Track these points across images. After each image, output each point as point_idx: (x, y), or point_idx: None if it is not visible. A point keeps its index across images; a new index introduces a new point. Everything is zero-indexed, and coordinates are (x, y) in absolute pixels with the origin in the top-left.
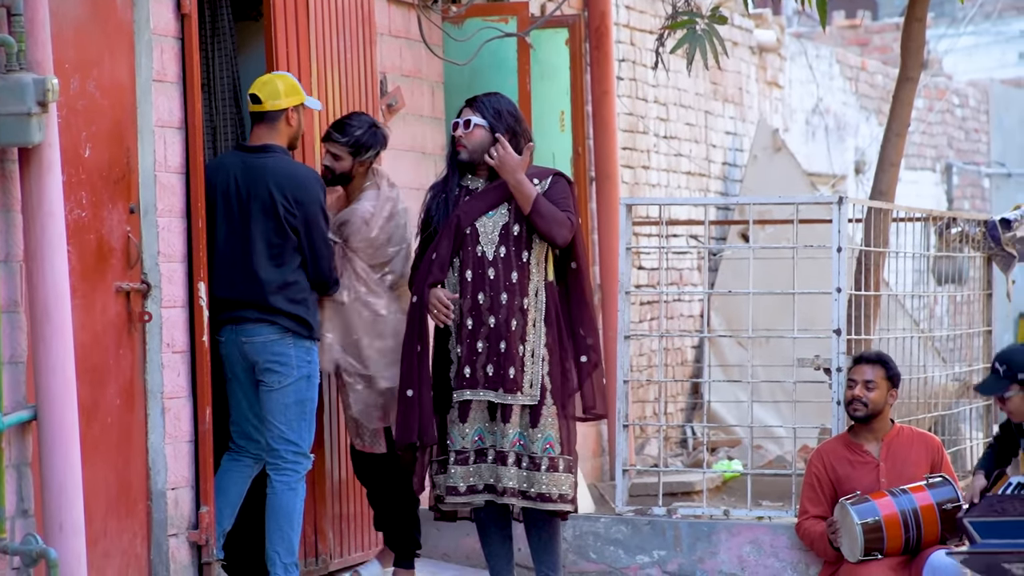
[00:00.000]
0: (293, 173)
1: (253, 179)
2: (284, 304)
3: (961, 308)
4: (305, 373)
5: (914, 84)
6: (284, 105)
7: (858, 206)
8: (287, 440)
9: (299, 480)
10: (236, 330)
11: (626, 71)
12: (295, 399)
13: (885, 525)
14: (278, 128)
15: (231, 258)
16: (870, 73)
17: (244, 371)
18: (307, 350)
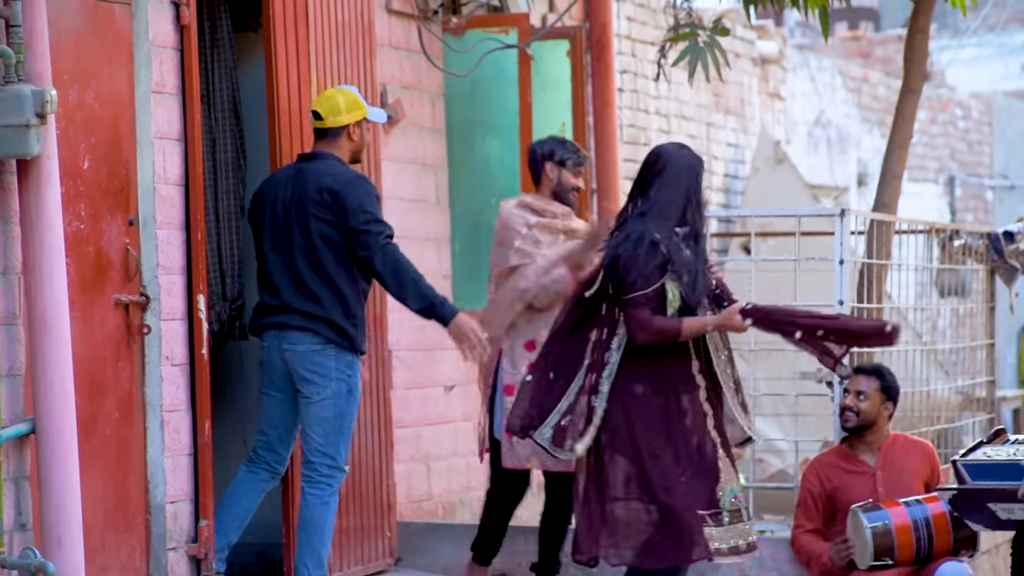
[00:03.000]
0: (337, 173)
1: (300, 182)
2: (330, 312)
3: (964, 321)
4: (345, 387)
5: (917, 96)
6: (345, 121)
7: (860, 218)
8: (323, 453)
9: (332, 494)
10: (279, 336)
11: (627, 83)
12: (334, 412)
13: (896, 531)
14: (339, 144)
15: (278, 262)
16: (872, 85)
17: (282, 378)
18: (348, 363)
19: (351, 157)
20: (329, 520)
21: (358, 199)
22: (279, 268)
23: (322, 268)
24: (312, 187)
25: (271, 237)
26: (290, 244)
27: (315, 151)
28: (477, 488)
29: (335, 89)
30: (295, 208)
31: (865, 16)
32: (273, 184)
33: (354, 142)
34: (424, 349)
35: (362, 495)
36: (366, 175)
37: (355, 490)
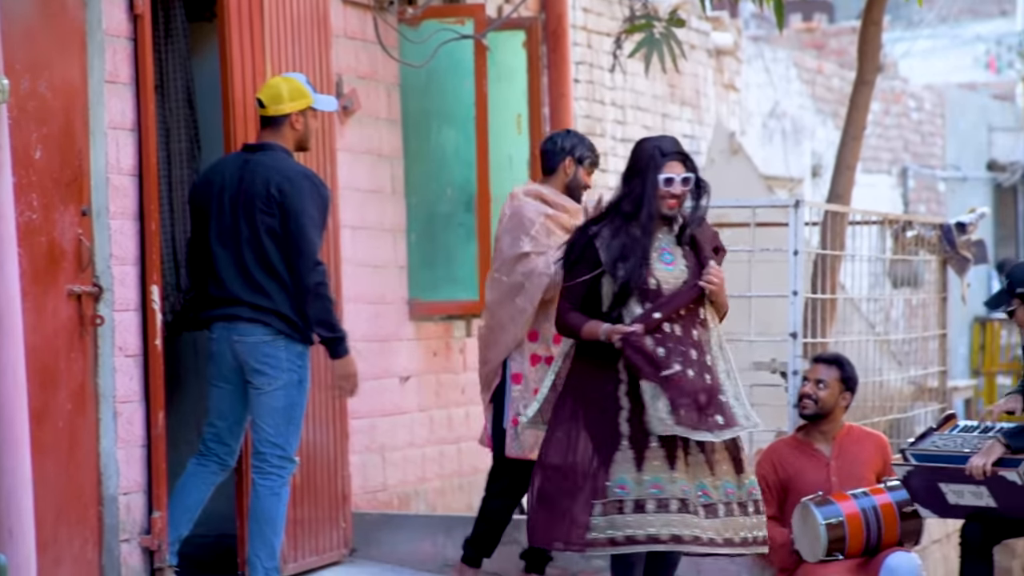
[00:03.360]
0: (283, 168)
1: (248, 175)
2: (279, 305)
3: (917, 311)
4: (296, 378)
5: (870, 87)
6: (288, 110)
7: (815, 209)
8: (273, 443)
9: (283, 485)
10: (228, 328)
11: (583, 74)
12: (284, 403)
13: (847, 524)
14: (283, 133)
15: (225, 255)
16: (827, 76)
17: (232, 370)
18: (299, 353)
19: (296, 146)
20: (281, 511)
21: (301, 202)
22: (226, 261)
23: (269, 262)
24: (259, 181)
25: (217, 229)
26: (237, 237)
27: (261, 141)
28: (432, 479)
29: (280, 77)
30: (242, 202)
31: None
32: (219, 172)
33: (297, 131)
34: (379, 340)
35: (317, 486)
36: (321, 165)
37: (310, 481)
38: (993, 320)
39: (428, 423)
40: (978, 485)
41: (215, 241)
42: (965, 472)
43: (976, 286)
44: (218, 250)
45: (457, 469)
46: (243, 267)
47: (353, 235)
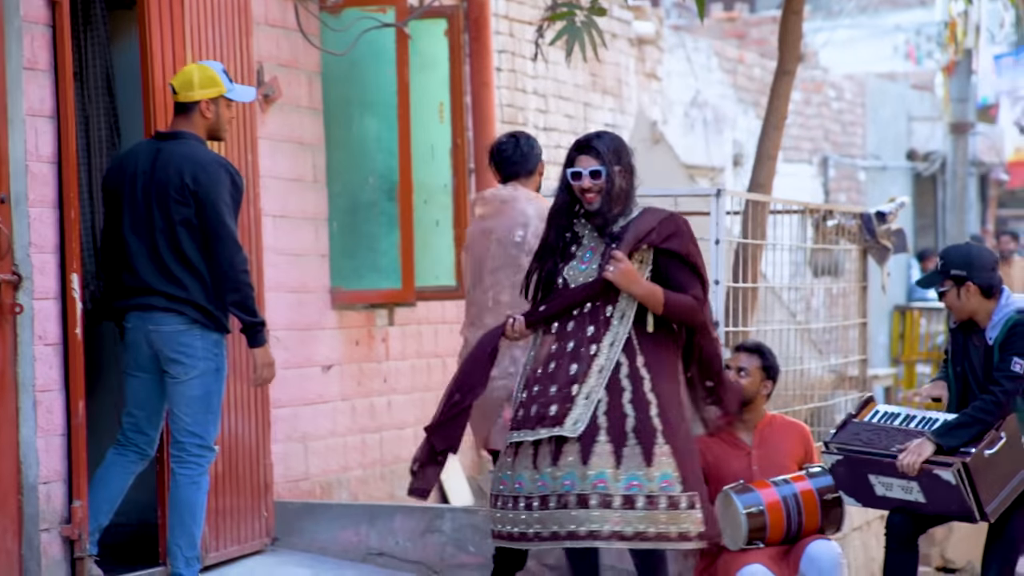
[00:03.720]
0: (197, 156)
1: (161, 163)
2: (193, 294)
3: (837, 300)
4: (213, 366)
5: (791, 77)
6: (197, 97)
7: (736, 198)
8: (191, 432)
9: (202, 474)
10: (143, 317)
11: (505, 62)
12: (201, 392)
13: (768, 513)
14: (193, 120)
15: (138, 244)
16: (748, 66)
17: (148, 359)
18: (215, 342)
19: (208, 134)
20: (200, 500)
21: (216, 190)
22: (140, 251)
23: (183, 252)
24: (173, 170)
25: (131, 218)
26: (151, 227)
27: (173, 129)
28: (354, 468)
29: (195, 64)
30: (155, 191)
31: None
32: (132, 160)
33: (208, 119)
34: (301, 328)
35: (239, 475)
36: (242, 153)
37: (232, 470)
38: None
39: (350, 412)
40: (909, 480)
41: (128, 230)
42: (897, 467)
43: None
44: (131, 239)
45: (379, 458)
46: (157, 256)
47: (275, 224)
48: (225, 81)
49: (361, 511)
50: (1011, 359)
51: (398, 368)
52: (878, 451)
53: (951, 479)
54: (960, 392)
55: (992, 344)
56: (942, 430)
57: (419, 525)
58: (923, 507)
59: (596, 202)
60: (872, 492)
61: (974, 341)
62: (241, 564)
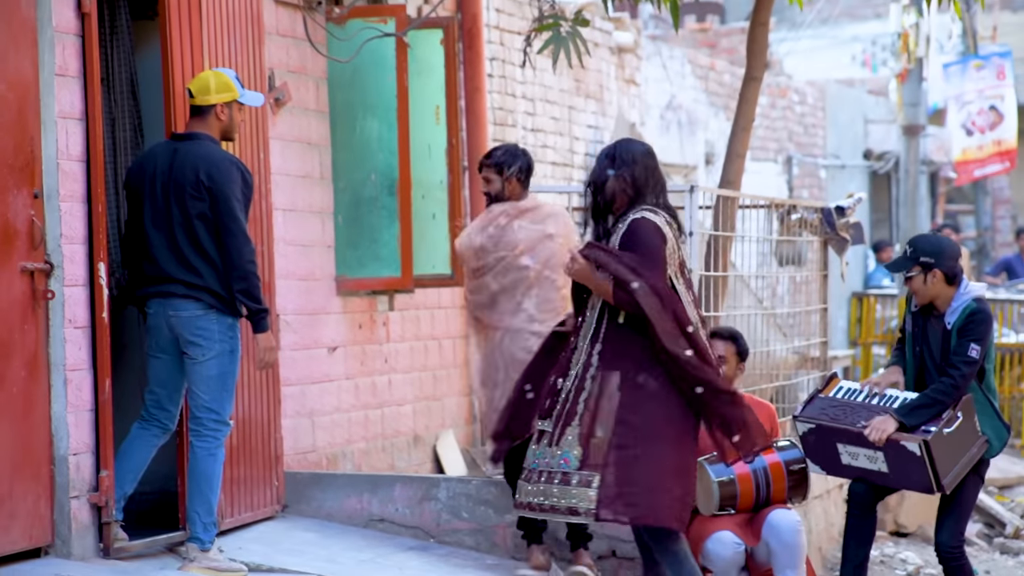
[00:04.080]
0: (211, 155)
1: (178, 162)
2: (209, 282)
3: (800, 288)
4: (228, 348)
5: (758, 83)
6: (213, 100)
7: (708, 194)
8: (209, 408)
9: (218, 446)
10: (164, 304)
11: (496, 69)
12: (217, 371)
13: (738, 481)
14: (208, 121)
15: (158, 236)
16: (718, 72)
17: (169, 342)
18: (230, 325)
19: (221, 135)
20: (217, 470)
21: (228, 187)
22: (160, 243)
23: (200, 243)
24: (189, 168)
25: (151, 213)
26: (170, 221)
27: (189, 131)
28: (358, 441)
29: (211, 71)
30: (173, 188)
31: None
32: (151, 159)
33: (222, 121)
34: (309, 313)
35: (252, 448)
36: (255, 152)
37: (245, 443)
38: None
39: (354, 390)
40: (875, 451)
41: (149, 224)
42: (866, 436)
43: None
44: (152, 232)
45: (381, 432)
46: (176, 248)
47: (285, 217)
48: (238, 87)
49: (364, 481)
50: (968, 344)
51: (398, 349)
52: (842, 427)
53: (916, 450)
54: (917, 370)
55: (950, 328)
56: (905, 410)
57: (417, 493)
58: (885, 477)
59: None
60: (838, 460)
61: (933, 324)
62: (254, 529)
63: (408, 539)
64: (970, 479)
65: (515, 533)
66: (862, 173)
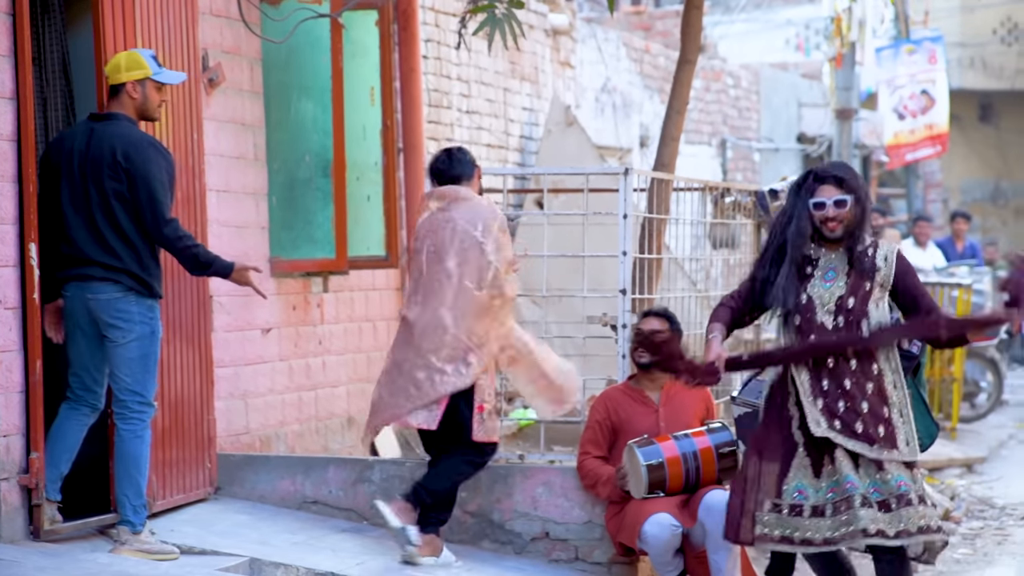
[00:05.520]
0: (128, 135)
1: (95, 142)
2: (128, 263)
3: (734, 270)
4: (148, 330)
5: (692, 66)
6: (124, 79)
7: (642, 177)
8: (132, 391)
9: (144, 428)
10: (81, 287)
11: (431, 51)
12: (139, 353)
13: (668, 465)
14: (122, 100)
15: (76, 217)
16: (653, 56)
17: (89, 325)
18: (149, 307)
19: (138, 115)
20: (144, 452)
21: (147, 167)
22: (78, 224)
23: (118, 224)
24: (106, 149)
25: (69, 194)
26: (88, 202)
27: (107, 111)
28: (292, 423)
29: (125, 51)
30: (90, 168)
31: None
32: (70, 139)
33: (135, 99)
34: (243, 295)
35: (184, 429)
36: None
37: (178, 425)
38: None
39: (288, 371)
40: None
41: (67, 204)
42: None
43: None
44: (70, 212)
45: (314, 414)
46: (95, 229)
47: (219, 198)
48: (152, 64)
49: (297, 463)
50: None
51: (332, 331)
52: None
53: None
54: None
55: None
56: None
57: (350, 475)
58: None
59: (839, 230)
60: None
61: None
62: (186, 511)
63: (342, 521)
64: None
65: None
66: (795, 156)
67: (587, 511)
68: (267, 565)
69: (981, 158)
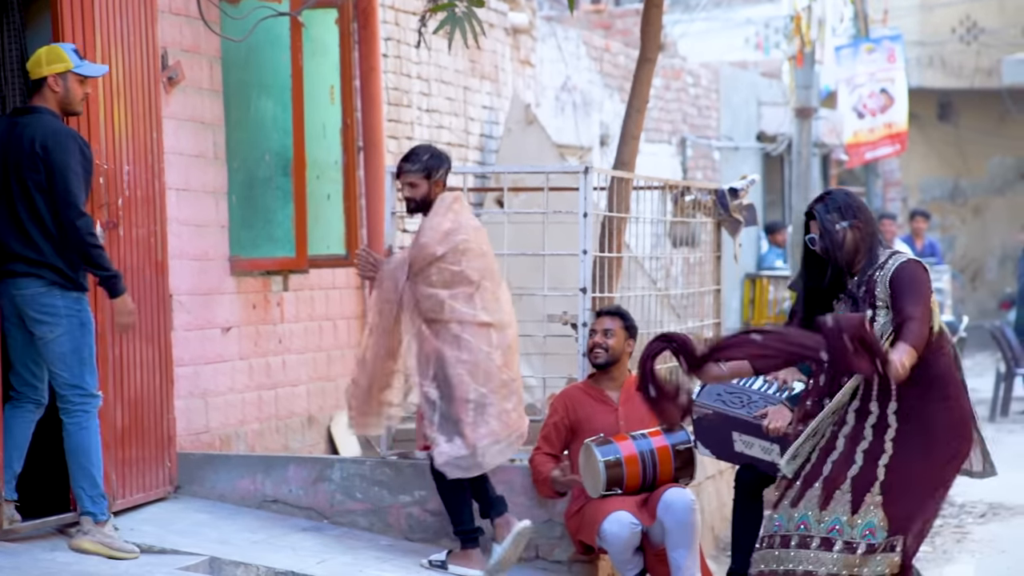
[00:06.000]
0: (47, 127)
1: (16, 135)
2: (50, 257)
3: (694, 269)
4: (77, 322)
5: (652, 65)
6: (45, 72)
7: (602, 175)
8: (71, 385)
9: (89, 419)
10: (8, 283)
11: (391, 49)
12: (70, 347)
13: (625, 463)
14: (45, 95)
15: (1, 212)
16: (613, 54)
17: (18, 320)
18: (75, 299)
19: (60, 108)
20: (92, 442)
21: (64, 157)
22: (3, 218)
23: (40, 217)
24: (26, 141)
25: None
26: (11, 195)
27: (29, 104)
28: (252, 422)
29: (46, 47)
30: (12, 161)
31: None
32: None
33: (57, 93)
34: (203, 293)
35: (143, 428)
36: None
37: (137, 423)
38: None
39: (248, 370)
40: (771, 442)
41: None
42: (763, 429)
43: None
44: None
45: (275, 412)
46: (18, 223)
47: (178, 196)
48: (73, 58)
49: (257, 461)
50: None
51: (292, 330)
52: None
53: None
54: None
55: None
56: (797, 399)
57: (310, 474)
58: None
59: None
60: (731, 447)
61: None
62: (146, 510)
63: (302, 520)
64: None
65: (408, 514)
66: (755, 155)
67: (547, 510)
68: (227, 564)
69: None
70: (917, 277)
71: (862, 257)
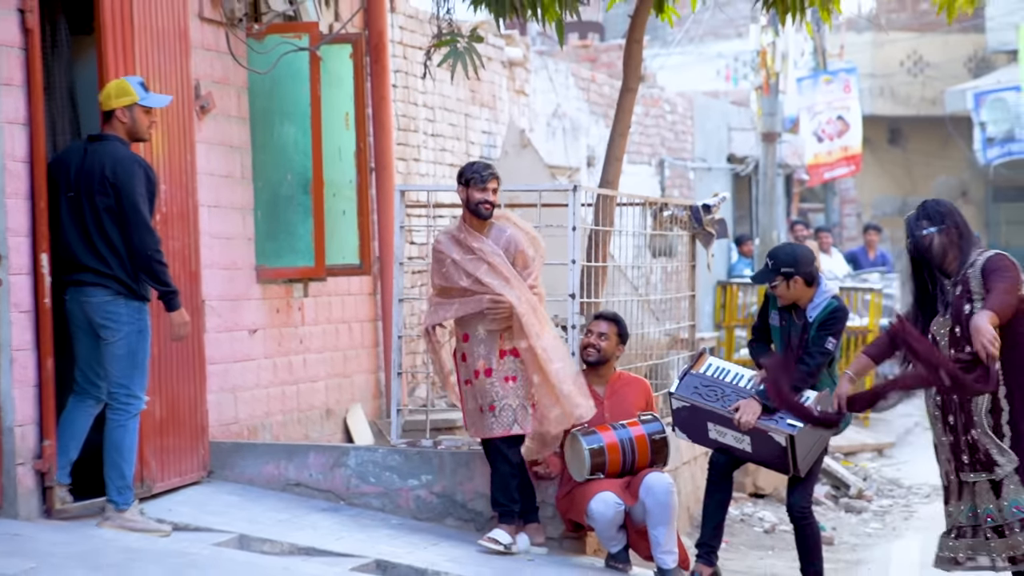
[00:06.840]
0: (116, 154)
1: (88, 160)
2: (115, 269)
3: (671, 277)
4: (136, 329)
5: (634, 94)
6: (114, 105)
7: (589, 193)
8: (120, 384)
9: (130, 418)
10: (77, 291)
11: (400, 80)
12: (127, 350)
13: (607, 451)
14: (114, 125)
15: (73, 228)
16: (599, 85)
17: (86, 324)
18: (137, 308)
19: (128, 136)
20: (127, 441)
21: (131, 183)
22: (74, 234)
23: (107, 234)
24: (97, 166)
25: (67, 205)
26: (82, 214)
27: (101, 132)
28: (276, 414)
29: (116, 80)
30: (83, 184)
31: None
32: (68, 156)
33: (125, 123)
34: (231, 299)
35: (180, 419)
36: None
37: (174, 416)
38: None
39: (272, 368)
40: (743, 434)
41: (65, 215)
42: (734, 422)
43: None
44: (67, 223)
45: (296, 406)
46: (88, 238)
47: (209, 213)
48: (139, 91)
49: (281, 449)
50: (827, 338)
51: (311, 332)
52: (712, 411)
53: (782, 441)
54: None
55: (811, 322)
56: (766, 393)
57: (329, 460)
58: (747, 455)
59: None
60: (706, 435)
61: (795, 319)
62: (182, 492)
63: (321, 501)
64: (819, 455)
65: (416, 496)
66: (726, 175)
67: (540, 492)
68: (255, 540)
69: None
70: (1003, 264)
71: (953, 258)
